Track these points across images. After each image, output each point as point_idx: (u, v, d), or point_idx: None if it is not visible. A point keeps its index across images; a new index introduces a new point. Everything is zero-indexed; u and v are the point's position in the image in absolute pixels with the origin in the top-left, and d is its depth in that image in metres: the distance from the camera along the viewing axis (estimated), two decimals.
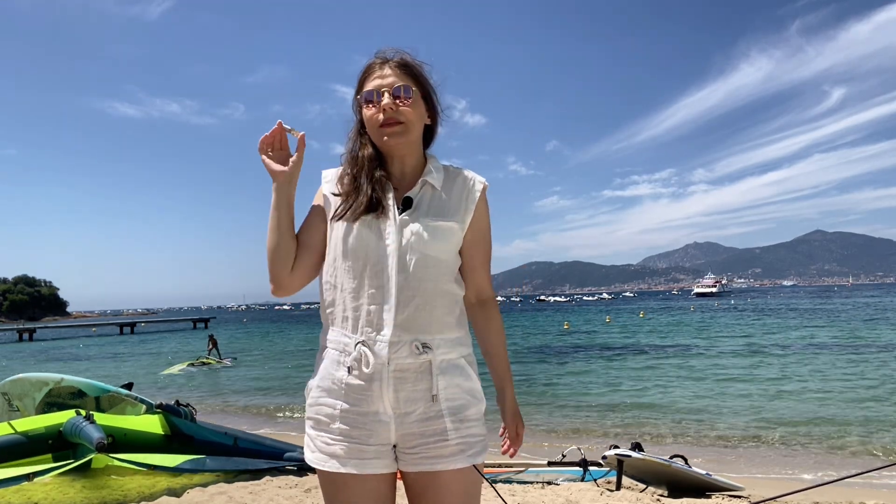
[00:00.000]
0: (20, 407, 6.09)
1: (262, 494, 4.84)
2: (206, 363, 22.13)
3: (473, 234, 1.48)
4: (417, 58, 1.49)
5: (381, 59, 1.47)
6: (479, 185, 1.49)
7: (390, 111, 1.40)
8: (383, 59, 1.47)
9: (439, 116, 1.53)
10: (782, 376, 14.18)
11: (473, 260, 1.50)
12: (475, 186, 1.49)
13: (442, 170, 1.50)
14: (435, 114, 1.51)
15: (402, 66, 1.45)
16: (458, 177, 1.50)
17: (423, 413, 1.37)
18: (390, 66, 1.45)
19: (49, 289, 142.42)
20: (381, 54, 1.48)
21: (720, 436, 8.81)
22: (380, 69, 1.45)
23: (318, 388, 1.42)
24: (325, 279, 1.46)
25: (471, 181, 1.49)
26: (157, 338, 45.13)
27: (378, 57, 1.48)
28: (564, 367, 17.71)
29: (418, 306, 1.36)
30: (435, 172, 1.47)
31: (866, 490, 5.71)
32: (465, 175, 1.50)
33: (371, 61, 1.48)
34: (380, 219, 1.39)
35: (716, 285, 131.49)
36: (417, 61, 1.49)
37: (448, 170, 1.51)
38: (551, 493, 4.93)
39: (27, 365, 25.76)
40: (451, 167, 1.52)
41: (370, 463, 1.37)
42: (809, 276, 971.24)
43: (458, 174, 1.50)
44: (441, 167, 1.50)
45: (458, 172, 1.51)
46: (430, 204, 1.44)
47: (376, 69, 1.45)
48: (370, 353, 1.35)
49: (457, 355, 1.42)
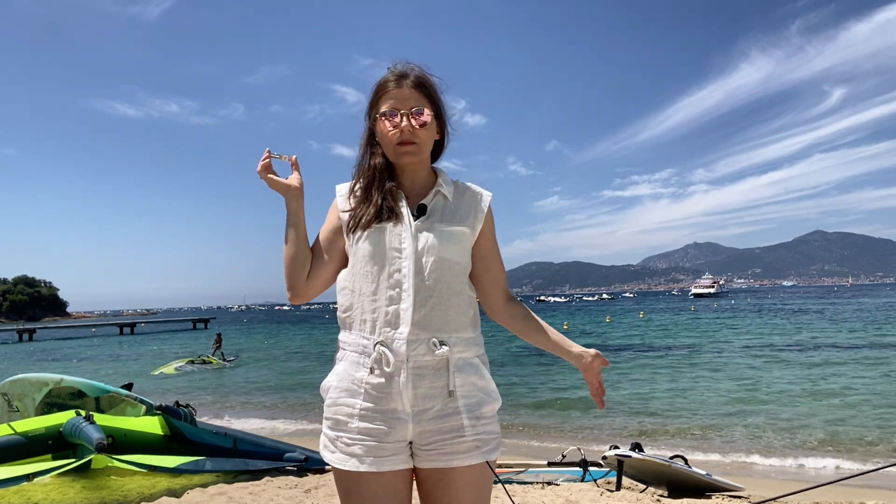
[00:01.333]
0: (20, 407, 6.09)
1: (261, 495, 4.84)
2: (207, 361, 21.99)
3: (487, 243, 1.58)
4: (432, 73, 1.55)
5: (397, 74, 1.51)
6: (486, 197, 1.59)
7: (408, 133, 1.47)
8: (400, 74, 1.51)
9: (448, 132, 1.60)
10: (783, 376, 14.18)
11: (496, 264, 1.60)
12: (483, 198, 1.58)
13: (452, 183, 1.58)
14: (444, 130, 1.58)
15: (418, 86, 1.50)
16: (466, 189, 1.59)
17: (441, 410, 1.41)
18: (408, 84, 1.49)
19: (49, 289, 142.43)
20: (397, 70, 1.52)
21: (720, 435, 8.81)
22: (396, 86, 1.49)
23: (336, 388, 1.46)
24: (343, 284, 1.52)
25: (479, 193, 1.59)
26: (157, 338, 45.12)
27: (394, 73, 1.52)
28: (564, 367, 17.71)
29: (434, 305, 1.42)
30: (446, 185, 1.56)
31: (866, 490, 5.71)
32: (473, 188, 1.61)
33: (387, 77, 1.52)
34: (396, 226, 1.46)
35: (714, 286, 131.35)
36: (432, 79, 1.54)
37: (457, 183, 1.60)
38: (551, 494, 4.93)
39: (27, 365, 25.74)
40: (459, 182, 1.61)
41: (388, 460, 1.41)
42: (809, 276, 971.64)
43: (466, 187, 1.60)
44: (451, 181, 1.59)
45: (467, 186, 1.61)
46: (444, 211, 1.52)
47: (393, 86, 1.49)
48: (389, 351, 1.40)
49: (472, 354, 1.48)
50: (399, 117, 1.46)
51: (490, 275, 1.58)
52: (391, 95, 1.48)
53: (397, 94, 1.48)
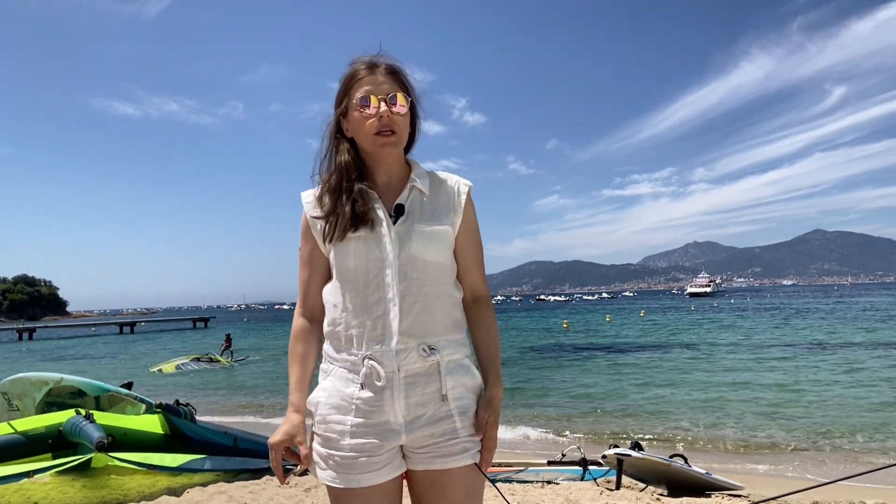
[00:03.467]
0: (20, 406, 6.09)
1: (261, 494, 4.84)
2: (214, 360, 21.85)
3: (464, 235, 1.48)
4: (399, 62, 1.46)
5: (367, 63, 1.43)
6: (464, 187, 1.49)
7: (387, 119, 1.38)
8: (371, 63, 1.43)
9: (419, 122, 1.51)
10: (783, 376, 14.18)
11: (466, 260, 1.50)
12: (460, 189, 1.48)
13: (426, 175, 1.49)
14: (416, 120, 1.50)
15: (392, 73, 1.43)
16: (443, 181, 1.49)
17: (433, 415, 1.38)
18: (381, 71, 1.42)
19: (49, 288, 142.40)
20: (365, 59, 1.44)
21: (720, 435, 8.81)
22: (369, 73, 1.41)
23: (325, 404, 1.41)
24: (326, 298, 1.47)
25: (456, 184, 1.49)
26: (156, 337, 45.12)
27: (363, 63, 1.44)
28: (564, 366, 17.72)
29: (420, 311, 1.38)
30: (421, 178, 1.46)
31: (866, 490, 5.71)
32: (449, 178, 1.50)
33: (355, 66, 1.44)
34: (374, 230, 1.39)
35: (710, 284, 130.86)
36: (403, 68, 1.46)
37: (432, 175, 1.50)
38: (551, 493, 4.93)
39: (27, 364, 25.75)
40: (433, 172, 1.52)
41: (382, 472, 1.38)
42: (809, 275, 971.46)
43: (443, 179, 1.50)
44: (425, 172, 1.50)
45: (444, 178, 1.50)
46: (422, 209, 1.44)
47: (365, 72, 1.42)
48: (378, 365, 1.36)
49: (461, 355, 1.44)
50: (378, 102, 1.38)
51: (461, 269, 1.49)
52: (365, 82, 1.40)
53: (371, 80, 1.40)
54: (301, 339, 1.50)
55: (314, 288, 1.50)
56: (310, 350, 1.49)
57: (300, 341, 1.50)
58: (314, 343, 1.50)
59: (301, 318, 1.52)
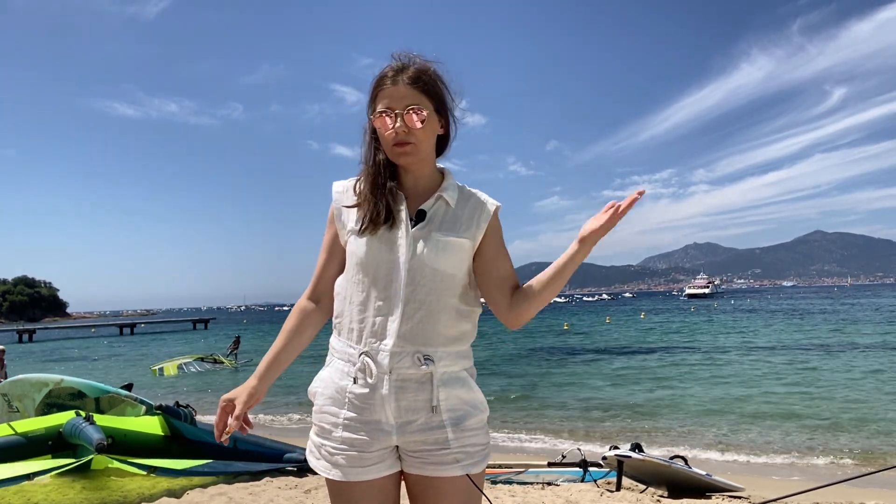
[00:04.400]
0: (20, 408, 6.09)
1: (261, 495, 4.84)
2: (218, 361, 21.72)
3: (493, 251, 1.49)
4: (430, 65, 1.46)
5: (395, 69, 1.43)
6: (491, 205, 1.50)
7: (402, 134, 1.40)
8: (397, 70, 1.43)
9: (452, 126, 1.51)
10: (783, 377, 14.18)
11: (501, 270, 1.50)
12: (487, 207, 1.50)
13: (457, 188, 1.51)
14: (448, 123, 1.50)
15: (416, 81, 1.42)
16: (471, 196, 1.51)
17: (425, 423, 1.38)
18: (404, 81, 1.42)
19: (49, 289, 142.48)
20: (395, 65, 1.44)
21: (720, 435, 8.81)
22: (392, 83, 1.42)
23: (322, 395, 1.45)
24: (337, 290, 1.49)
25: (484, 202, 1.50)
26: (157, 338, 45.12)
27: (392, 68, 1.44)
28: (564, 368, 17.72)
29: (422, 318, 1.38)
30: (450, 190, 1.48)
31: (866, 490, 5.71)
32: (478, 194, 1.52)
33: (384, 72, 1.44)
34: (392, 230, 1.41)
35: (708, 286, 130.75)
36: (431, 70, 1.45)
37: (462, 189, 1.52)
38: (551, 494, 4.93)
39: (27, 366, 25.73)
40: (465, 187, 1.53)
41: (372, 469, 1.40)
42: (809, 276, 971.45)
43: (472, 194, 1.52)
44: (456, 185, 1.51)
45: (473, 193, 1.52)
46: (444, 219, 1.45)
47: (389, 83, 1.42)
48: (373, 362, 1.37)
49: (459, 368, 1.44)
50: (394, 117, 1.40)
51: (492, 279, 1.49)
52: (386, 94, 1.42)
53: (392, 92, 1.41)
54: (295, 315, 1.53)
55: (327, 273, 1.53)
56: (301, 328, 1.52)
57: (293, 317, 1.53)
58: (308, 325, 1.53)
59: (306, 299, 1.54)
